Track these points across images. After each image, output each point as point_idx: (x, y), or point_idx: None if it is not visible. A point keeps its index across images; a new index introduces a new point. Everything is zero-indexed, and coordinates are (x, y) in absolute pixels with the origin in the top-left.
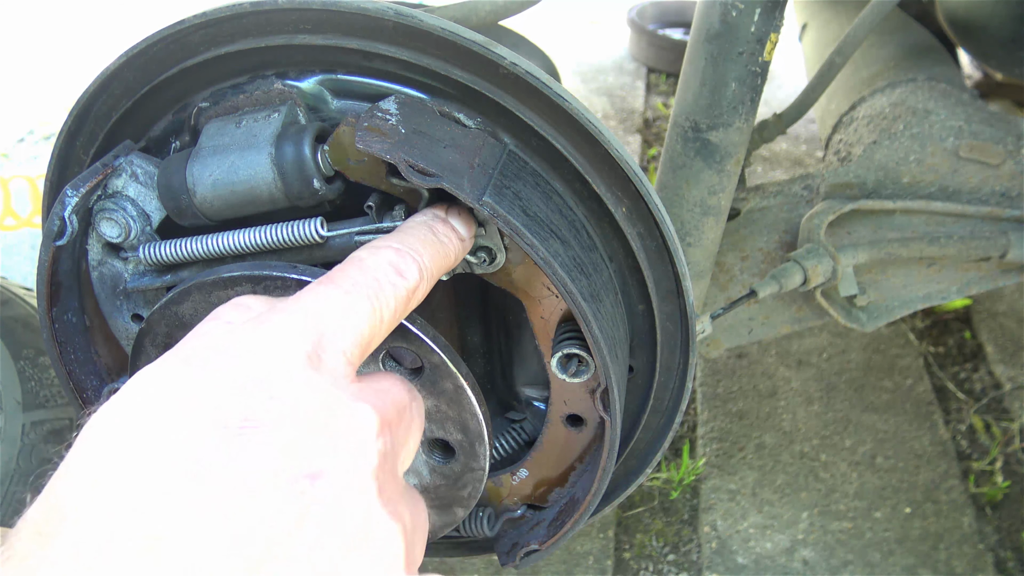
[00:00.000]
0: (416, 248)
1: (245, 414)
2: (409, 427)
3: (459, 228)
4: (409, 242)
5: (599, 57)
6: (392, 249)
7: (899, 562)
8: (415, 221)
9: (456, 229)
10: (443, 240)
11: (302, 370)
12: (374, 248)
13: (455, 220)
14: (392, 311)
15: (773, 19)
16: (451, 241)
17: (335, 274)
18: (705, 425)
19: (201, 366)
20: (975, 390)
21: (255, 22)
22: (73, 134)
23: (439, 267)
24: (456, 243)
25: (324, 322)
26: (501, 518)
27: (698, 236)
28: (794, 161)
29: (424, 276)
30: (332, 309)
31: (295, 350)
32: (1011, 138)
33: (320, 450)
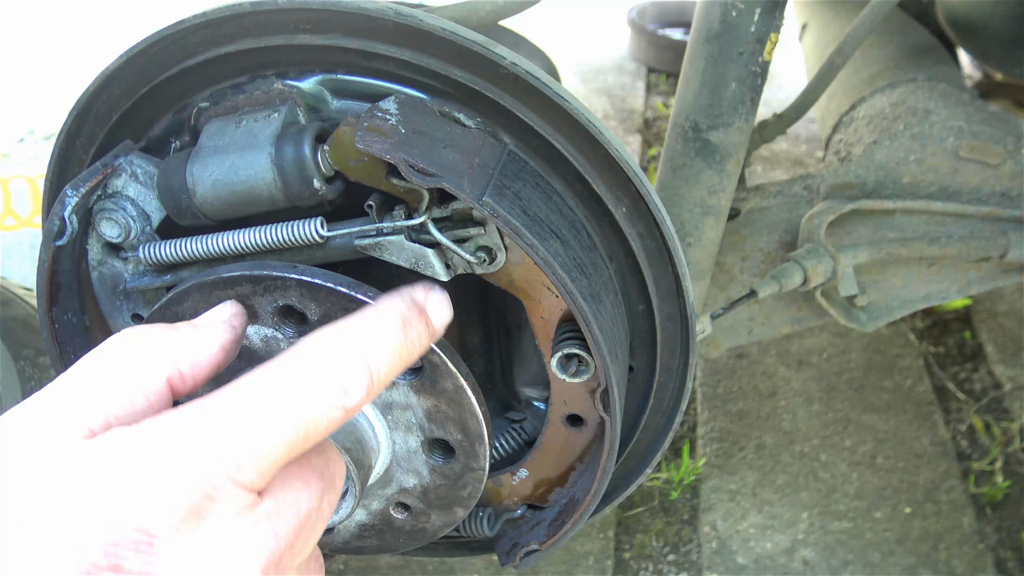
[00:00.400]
0: (375, 357)
1: (117, 564)
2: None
3: (435, 320)
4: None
5: (599, 57)
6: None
7: (899, 562)
8: (389, 308)
9: (430, 323)
10: (412, 340)
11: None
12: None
13: (434, 310)
14: (321, 430)
15: (773, 19)
16: (420, 340)
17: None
18: (705, 425)
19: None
20: (975, 390)
21: (255, 22)
22: (73, 134)
23: (393, 374)
24: (424, 342)
25: (227, 456)
26: (501, 518)
27: (698, 236)
28: (794, 161)
29: (372, 392)
30: (242, 438)
31: (185, 500)
32: (1011, 138)
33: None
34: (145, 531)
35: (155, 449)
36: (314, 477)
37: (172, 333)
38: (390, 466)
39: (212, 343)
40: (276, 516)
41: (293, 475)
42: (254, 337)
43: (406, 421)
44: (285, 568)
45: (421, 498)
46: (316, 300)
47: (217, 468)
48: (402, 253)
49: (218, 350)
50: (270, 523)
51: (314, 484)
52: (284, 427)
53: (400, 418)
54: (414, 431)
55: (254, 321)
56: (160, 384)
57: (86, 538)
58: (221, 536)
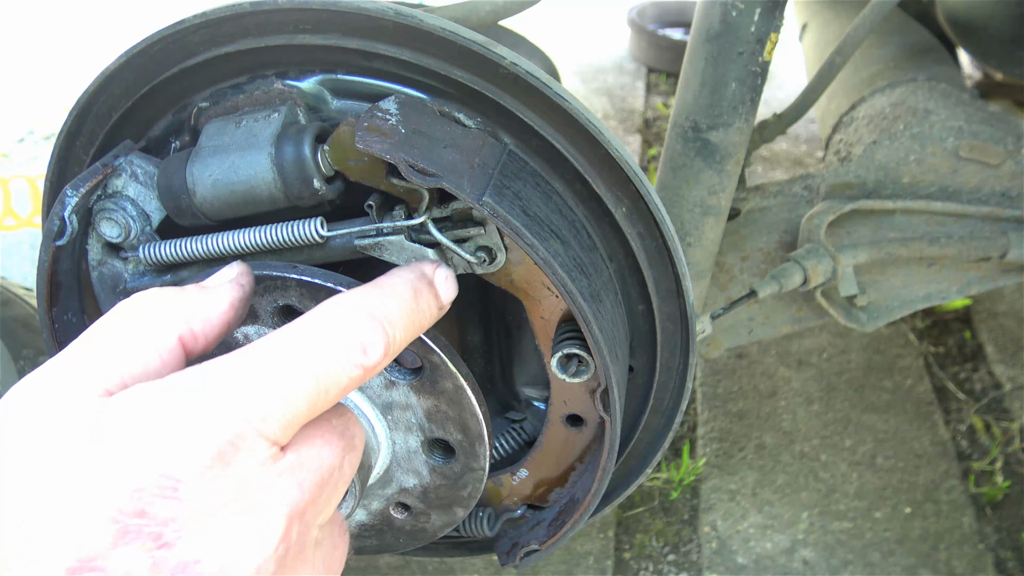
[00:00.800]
0: (391, 319)
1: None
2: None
3: (442, 294)
4: (386, 310)
5: (599, 57)
6: (365, 317)
7: (899, 562)
8: (401, 278)
9: (439, 296)
10: (423, 309)
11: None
12: (346, 310)
13: (441, 284)
14: (342, 388)
15: (773, 19)
16: (430, 310)
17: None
18: (705, 425)
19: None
20: (975, 390)
21: (255, 22)
22: (73, 134)
23: (408, 340)
24: (434, 312)
25: (251, 407)
26: (501, 518)
27: (698, 236)
28: (794, 161)
29: (389, 353)
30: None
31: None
32: (1011, 138)
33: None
34: (170, 476)
35: (179, 399)
36: (335, 436)
37: (181, 294)
38: (390, 466)
39: (221, 301)
40: (299, 469)
41: (315, 433)
42: (254, 337)
43: (406, 421)
44: (309, 521)
45: (421, 498)
46: (316, 300)
47: (241, 418)
48: (402, 253)
49: (227, 307)
50: (293, 474)
51: (335, 443)
52: (306, 382)
53: (400, 418)
54: (414, 431)
55: (254, 321)
56: (173, 342)
57: (111, 486)
58: (246, 482)
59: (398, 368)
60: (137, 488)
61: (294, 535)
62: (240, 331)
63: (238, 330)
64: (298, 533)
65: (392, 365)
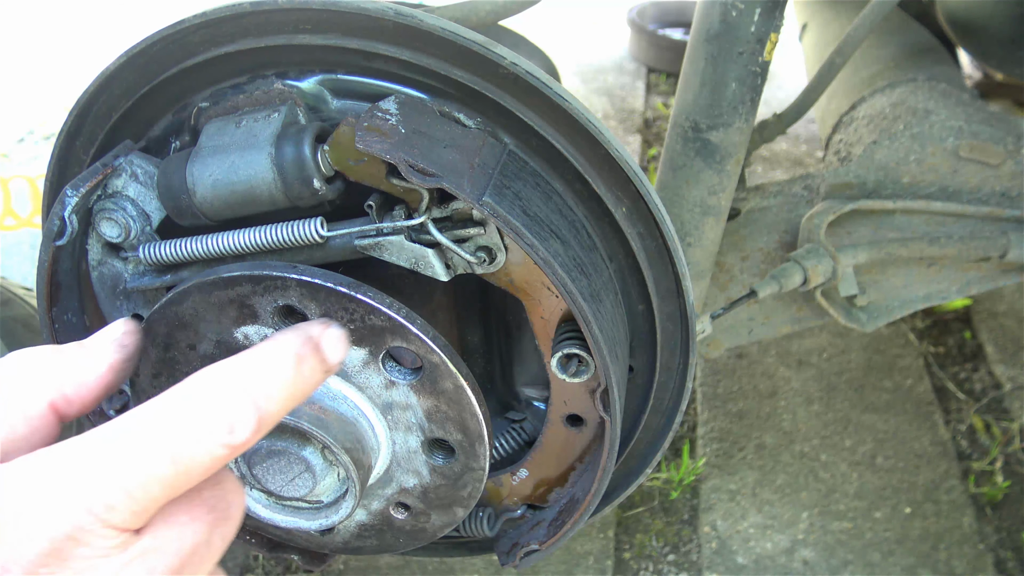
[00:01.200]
0: (267, 392)
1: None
2: (200, 562)
3: (329, 356)
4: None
5: (599, 57)
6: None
7: (899, 562)
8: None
9: (326, 359)
10: (305, 376)
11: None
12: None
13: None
14: (204, 469)
15: (773, 19)
16: (313, 376)
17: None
18: (705, 425)
19: None
20: (975, 390)
21: (255, 22)
22: (73, 134)
23: (286, 410)
24: (319, 377)
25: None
26: (501, 518)
27: (698, 236)
28: (794, 161)
29: (261, 429)
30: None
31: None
32: (1011, 138)
33: None
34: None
35: (17, 489)
36: (203, 511)
37: (57, 355)
38: (390, 466)
39: (99, 364)
40: (153, 553)
41: (179, 510)
42: (254, 337)
43: (406, 421)
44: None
45: (421, 498)
46: (316, 300)
47: (83, 509)
48: (402, 253)
49: (106, 371)
50: (144, 561)
51: (202, 518)
52: (161, 466)
53: (400, 418)
54: (414, 431)
55: (254, 321)
56: (42, 408)
57: None
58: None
59: (398, 368)
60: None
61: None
62: (240, 331)
63: (238, 330)
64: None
65: (392, 365)
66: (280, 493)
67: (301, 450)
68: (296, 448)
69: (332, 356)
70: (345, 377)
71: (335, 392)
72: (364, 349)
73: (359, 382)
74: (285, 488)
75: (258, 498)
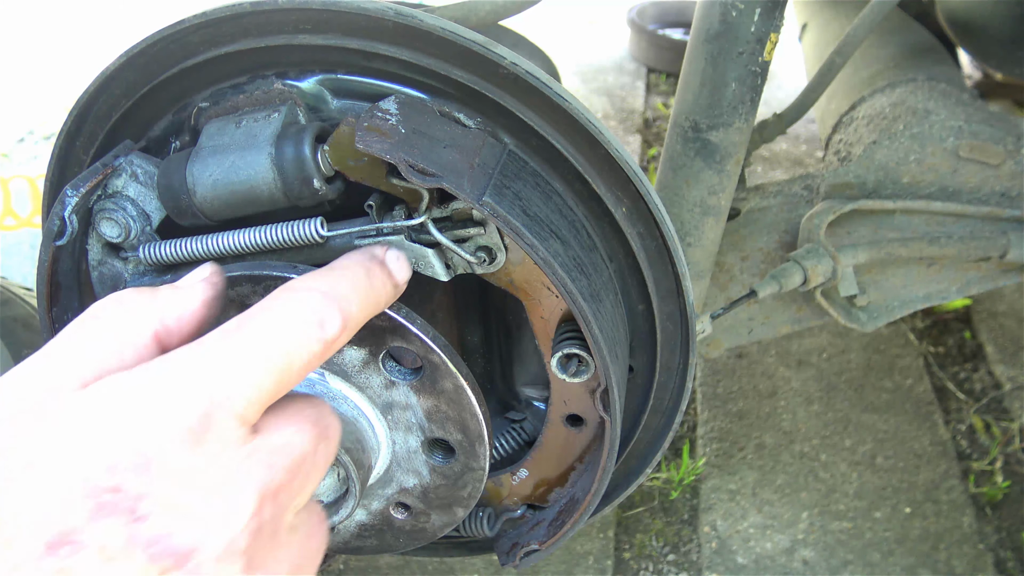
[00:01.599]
0: (345, 295)
1: (116, 485)
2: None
3: (396, 274)
4: (340, 288)
5: (599, 57)
6: (319, 295)
7: (899, 562)
8: (352, 260)
9: (392, 275)
10: (377, 287)
11: (183, 447)
12: (299, 291)
13: (393, 264)
14: (304, 363)
15: (773, 19)
16: (385, 288)
17: (245, 320)
18: (705, 425)
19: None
20: (975, 390)
21: (255, 22)
22: (73, 134)
23: (366, 315)
24: (389, 290)
25: (217, 386)
26: (501, 518)
27: (698, 236)
28: (794, 161)
29: (348, 327)
30: (229, 369)
31: (179, 425)
32: (1011, 138)
33: (187, 532)
34: (143, 453)
35: (149, 383)
36: (307, 424)
37: (155, 292)
38: (390, 466)
39: (194, 299)
40: (270, 451)
41: (285, 419)
42: None
43: (406, 421)
44: (282, 504)
45: (421, 498)
46: None
47: (207, 396)
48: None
49: (199, 306)
50: (264, 456)
51: (307, 430)
52: (268, 358)
53: (400, 418)
54: (414, 431)
55: None
56: (147, 338)
57: (86, 463)
58: (217, 460)
59: (398, 368)
60: (111, 465)
61: (267, 515)
62: None
63: None
64: (271, 514)
65: (392, 365)
66: None
67: None
68: None
69: (397, 272)
70: (345, 377)
71: (335, 392)
72: (364, 349)
73: (359, 382)
74: None
75: None
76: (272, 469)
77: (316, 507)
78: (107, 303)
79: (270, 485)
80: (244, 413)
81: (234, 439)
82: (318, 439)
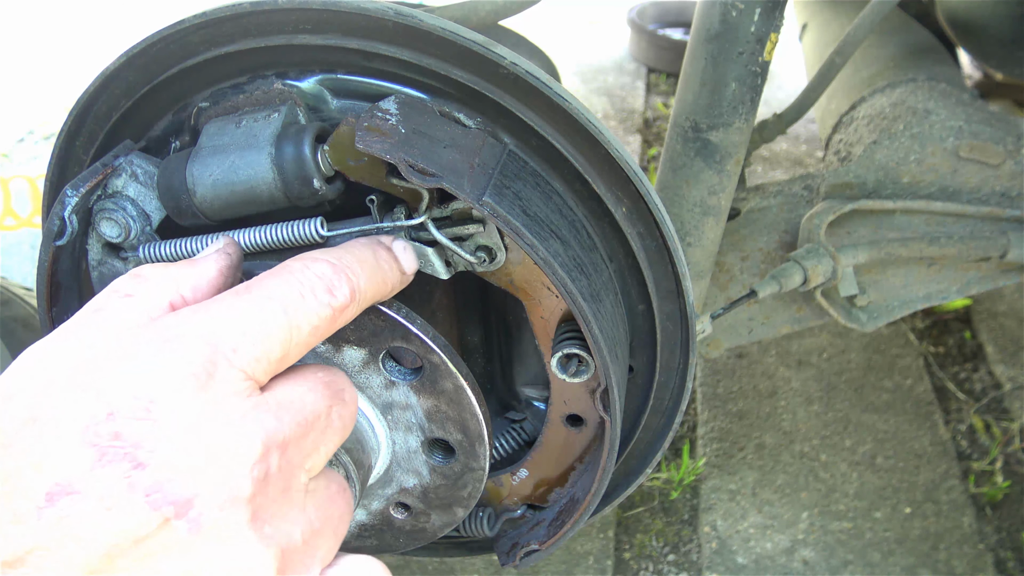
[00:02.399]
0: (353, 268)
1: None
2: (322, 434)
3: (402, 260)
4: (347, 260)
5: (599, 57)
6: (327, 263)
7: (899, 562)
8: (359, 241)
9: (398, 260)
10: (384, 268)
11: (184, 392)
12: (308, 259)
13: (400, 251)
14: (312, 327)
15: (773, 19)
16: (391, 270)
17: (255, 282)
18: (705, 425)
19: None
20: (975, 390)
21: (255, 22)
22: (73, 134)
23: (374, 293)
24: (396, 274)
25: (222, 338)
26: (501, 518)
27: (698, 236)
28: (794, 161)
29: (356, 299)
30: (236, 323)
31: (181, 371)
32: (1011, 138)
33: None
34: (143, 397)
35: (153, 335)
36: (320, 385)
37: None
38: (390, 466)
39: (210, 269)
40: (278, 405)
41: (297, 378)
42: None
43: (406, 421)
44: (293, 459)
45: (421, 498)
46: None
47: (212, 347)
48: None
49: (215, 274)
50: (271, 408)
51: (320, 391)
52: (275, 316)
53: (400, 418)
54: (414, 431)
55: None
56: (164, 307)
57: (87, 411)
58: (220, 407)
59: (398, 368)
60: (111, 412)
61: (273, 465)
62: None
63: None
64: (279, 466)
65: (392, 365)
66: None
67: None
68: None
69: (404, 260)
70: None
71: None
72: (364, 349)
73: (359, 382)
74: None
75: None
76: (279, 420)
77: (338, 476)
78: (126, 277)
79: (276, 435)
80: (250, 368)
81: (239, 390)
82: (332, 400)
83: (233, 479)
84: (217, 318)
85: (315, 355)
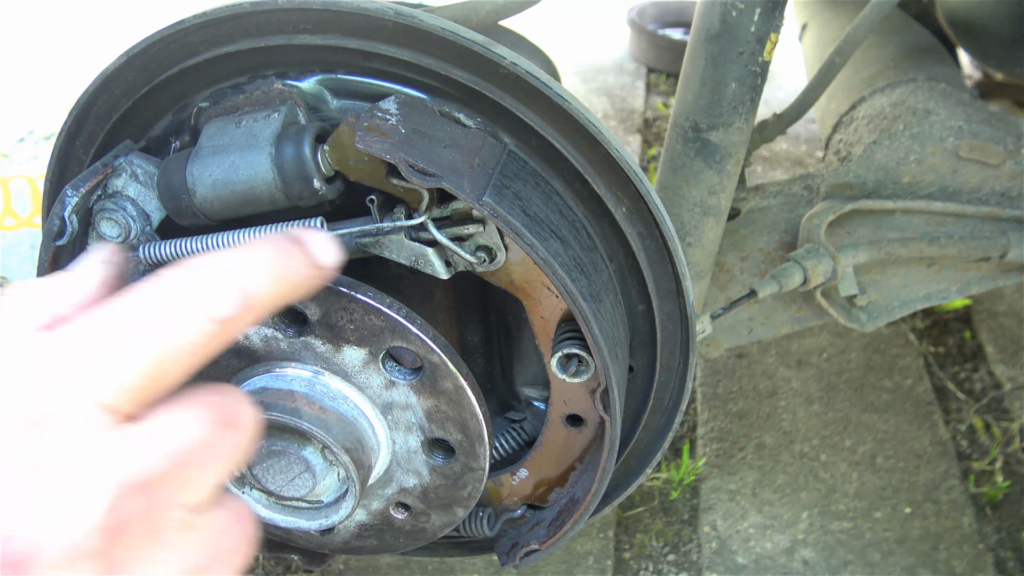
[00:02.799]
0: (244, 270)
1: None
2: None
3: (317, 254)
4: (235, 263)
5: (599, 57)
6: (211, 271)
7: (899, 562)
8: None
9: (312, 255)
10: (290, 264)
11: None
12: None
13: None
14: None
15: (773, 19)
16: (304, 267)
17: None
18: (705, 425)
19: None
20: (975, 390)
21: (255, 22)
22: (73, 134)
23: (279, 295)
24: (307, 269)
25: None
26: (501, 518)
27: (698, 236)
28: (794, 161)
29: (250, 305)
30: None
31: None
32: (1011, 138)
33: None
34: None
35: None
36: (203, 410)
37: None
38: (390, 466)
39: (90, 281)
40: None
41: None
42: (254, 337)
43: (406, 421)
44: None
45: (421, 498)
46: (316, 300)
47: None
48: (402, 251)
49: (98, 287)
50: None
51: (202, 416)
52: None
53: (400, 418)
54: (414, 431)
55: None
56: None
57: None
58: (66, 449)
59: (398, 368)
60: None
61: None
62: None
63: None
64: (144, 508)
65: (392, 365)
66: (280, 493)
67: (301, 450)
68: (296, 448)
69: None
70: (345, 377)
71: (335, 392)
72: (364, 349)
73: (359, 382)
74: (285, 488)
75: (258, 498)
76: (146, 456)
77: (234, 502)
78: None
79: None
80: (107, 399)
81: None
82: (220, 426)
83: (77, 534)
84: (66, 346)
85: (315, 356)
